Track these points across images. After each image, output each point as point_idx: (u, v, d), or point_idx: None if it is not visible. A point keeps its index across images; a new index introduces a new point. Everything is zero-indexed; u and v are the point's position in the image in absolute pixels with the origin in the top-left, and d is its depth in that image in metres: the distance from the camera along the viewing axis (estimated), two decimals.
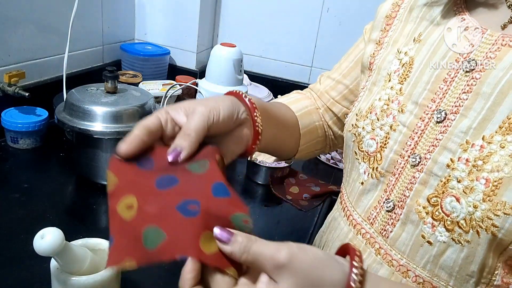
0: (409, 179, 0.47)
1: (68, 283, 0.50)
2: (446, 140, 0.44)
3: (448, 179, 0.43)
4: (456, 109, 0.44)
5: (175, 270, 0.74)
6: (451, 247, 0.43)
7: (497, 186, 0.39)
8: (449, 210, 0.42)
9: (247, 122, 0.49)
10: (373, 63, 0.57)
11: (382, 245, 0.49)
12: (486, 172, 0.40)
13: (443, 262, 0.44)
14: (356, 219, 0.53)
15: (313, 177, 1.04)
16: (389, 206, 0.49)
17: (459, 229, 0.41)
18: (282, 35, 1.41)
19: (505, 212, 0.38)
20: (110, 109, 0.79)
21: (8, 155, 0.92)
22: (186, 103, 0.46)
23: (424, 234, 0.45)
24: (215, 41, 1.51)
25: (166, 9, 1.39)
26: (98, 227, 0.77)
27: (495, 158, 0.40)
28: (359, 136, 0.53)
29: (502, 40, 0.43)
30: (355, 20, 1.30)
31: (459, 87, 0.44)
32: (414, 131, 0.47)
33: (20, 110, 0.96)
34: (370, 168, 0.51)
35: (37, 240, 0.46)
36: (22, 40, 1.00)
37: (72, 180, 0.88)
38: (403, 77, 0.50)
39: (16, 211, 0.74)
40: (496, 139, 0.40)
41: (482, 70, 0.43)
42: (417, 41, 0.51)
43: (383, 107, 0.50)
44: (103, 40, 1.29)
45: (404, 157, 0.47)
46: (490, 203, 0.39)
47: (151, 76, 1.33)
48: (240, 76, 1.16)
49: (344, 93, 0.66)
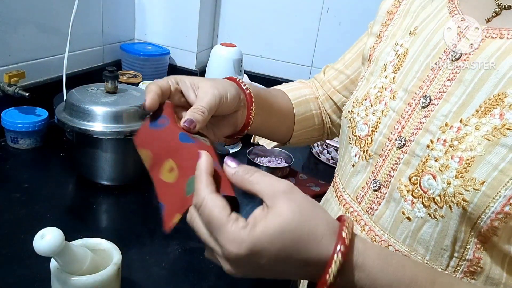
0: (394, 160, 0.49)
1: (68, 283, 0.50)
2: (428, 123, 0.47)
3: (427, 159, 0.45)
4: (440, 94, 0.47)
5: (175, 270, 0.74)
6: (428, 222, 0.45)
7: (469, 164, 0.41)
8: (426, 187, 0.45)
9: (242, 109, 0.55)
10: (372, 54, 0.60)
11: (367, 222, 0.52)
12: (460, 151, 0.42)
13: (420, 236, 0.46)
14: (346, 199, 0.56)
15: (313, 177, 1.04)
16: (375, 186, 0.51)
17: (435, 204, 0.44)
18: (282, 35, 1.41)
19: (475, 188, 0.40)
20: (110, 109, 0.79)
21: (8, 155, 0.92)
22: (194, 80, 0.51)
23: (404, 210, 0.47)
24: (215, 41, 1.51)
25: (166, 9, 1.39)
26: (98, 227, 0.77)
27: (469, 138, 0.42)
28: (354, 122, 0.56)
29: (486, 32, 0.46)
30: (355, 20, 1.30)
31: (444, 75, 0.47)
32: (402, 116, 0.50)
33: (20, 110, 0.96)
34: (361, 151, 0.54)
35: (37, 240, 0.46)
36: (22, 40, 1.00)
37: (72, 180, 0.88)
38: (397, 67, 0.53)
39: (16, 211, 0.74)
40: (472, 122, 0.43)
41: (466, 60, 0.46)
42: (412, 33, 0.54)
43: (377, 94, 0.54)
44: (103, 40, 1.29)
45: (391, 140, 0.50)
46: (461, 179, 0.41)
47: (151, 76, 1.33)
48: (240, 76, 1.16)
49: (345, 83, 0.70)
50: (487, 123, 0.42)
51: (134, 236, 0.74)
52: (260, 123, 0.60)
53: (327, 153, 1.13)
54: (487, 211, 0.40)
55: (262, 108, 0.59)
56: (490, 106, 0.42)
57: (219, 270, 0.68)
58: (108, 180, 0.85)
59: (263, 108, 0.59)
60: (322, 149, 1.14)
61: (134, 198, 0.84)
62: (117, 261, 0.54)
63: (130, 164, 0.85)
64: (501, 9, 0.46)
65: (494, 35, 0.45)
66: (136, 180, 0.87)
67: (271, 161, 1.03)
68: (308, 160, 1.17)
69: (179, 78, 0.51)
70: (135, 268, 0.66)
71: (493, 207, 0.40)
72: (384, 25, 0.60)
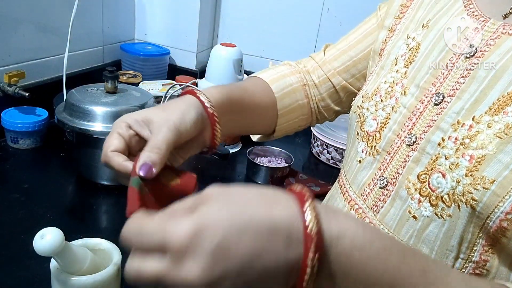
0: (403, 158, 0.48)
1: (68, 283, 0.50)
2: (440, 121, 0.46)
3: (438, 157, 0.44)
4: (453, 92, 0.46)
5: None
6: (434, 221, 0.44)
7: (479, 162, 0.40)
8: (435, 186, 0.44)
9: (208, 127, 0.49)
10: (383, 49, 0.58)
11: (372, 219, 0.51)
12: (471, 150, 0.41)
13: (425, 236, 0.45)
14: (351, 195, 0.55)
15: (313, 177, 1.04)
16: (382, 183, 0.50)
17: (443, 203, 0.43)
18: (282, 35, 1.41)
19: (484, 187, 0.40)
20: (110, 109, 0.79)
21: (8, 155, 0.92)
22: (146, 114, 0.45)
23: (411, 209, 0.46)
24: (215, 41, 1.51)
25: (166, 9, 1.38)
26: (98, 227, 0.77)
27: (481, 136, 0.41)
28: (363, 117, 0.54)
29: (502, 28, 0.44)
30: (355, 20, 1.29)
31: (458, 72, 0.46)
32: (413, 113, 0.49)
33: (20, 110, 0.96)
34: (368, 146, 0.53)
35: (37, 240, 0.46)
36: (22, 40, 1.00)
37: (72, 180, 0.88)
38: (409, 61, 0.52)
39: (16, 211, 0.74)
40: (484, 119, 0.42)
41: (481, 56, 0.44)
42: (425, 27, 0.52)
43: (388, 89, 0.52)
44: (103, 40, 1.29)
45: (401, 137, 0.49)
46: (471, 177, 0.41)
47: (151, 76, 1.33)
48: (240, 76, 1.16)
49: (348, 64, 0.66)
50: (499, 121, 0.41)
51: None
52: (235, 127, 0.58)
53: (327, 153, 1.13)
54: (496, 211, 0.39)
55: (236, 112, 0.56)
56: (504, 104, 0.41)
57: None
58: (108, 180, 0.85)
59: (236, 112, 0.56)
60: (322, 149, 1.14)
61: None
62: (117, 261, 0.54)
63: None
64: None
65: (511, 31, 0.43)
66: None
67: (271, 161, 1.03)
68: (308, 160, 1.17)
69: (129, 120, 0.45)
70: None
71: (502, 206, 0.39)
72: (397, 18, 0.58)
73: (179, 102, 0.48)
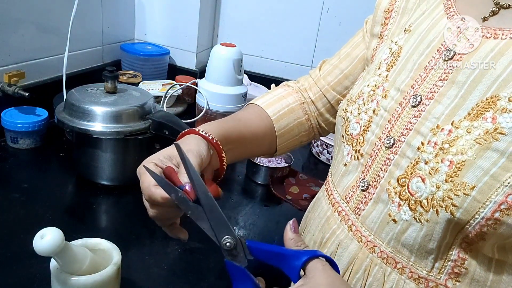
0: (383, 160, 0.49)
1: (68, 283, 0.50)
2: (419, 125, 0.46)
3: (417, 161, 0.45)
4: (431, 94, 0.46)
5: (175, 270, 0.74)
6: (412, 225, 0.45)
7: (459, 168, 0.41)
8: (414, 190, 0.44)
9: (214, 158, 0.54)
10: (374, 56, 0.59)
11: (354, 222, 0.52)
12: (451, 155, 0.42)
13: (404, 239, 0.46)
14: (336, 198, 0.56)
15: (313, 177, 1.04)
16: (363, 185, 0.51)
17: (421, 208, 0.44)
18: (282, 35, 1.41)
19: (465, 193, 0.40)
20: (110, 109, 0.79)
21: (8, 155, 0.92)
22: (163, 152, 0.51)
23: (391, 212, 0.47)
24: (215, 41, 1.51)
25: (166, 9, 1.39)
26: (98, 227, 0.77)
27: (460, 142, 0.41)
28: (347, 120, 0.55)
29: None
30: (355, 21, 1.29)
31: (436, 74, 0.47)
32: (393, 115, 0.49)
33: (20, 110, 0.96)
34: (353, 150, 0.53)
35: (37, 240, 0.46)
36: (22, 40, 1.00)
37: (72, 180, 0.88)
38: (391, 65, 0.52)
39: (16, 211, 0.74)
40: (463, 125, 0.42)
41: (459, 60, 0.45)
42: (407, 31, 0.53)
43: (370, 93, 0.53)
44: (103, 40, 1.29)
45: (381, 140, 0.50)
46: (451, 183, 0.41)
47: (151, 76, 1.33)
48: (240, 76, 1.16)
49: (339, 78, 0.68)
50: (479, 127, 0.41)
51: (134, 236, 0.74)
52: (236, 156, 0.61)
53: (327, 153, 1.13)
54: (476, 217, 0.40)
55: (235, 143, 0.59)
56: (483, 109, 0.41)
57: (219, 270, 0.69)
58: (108, 180, 0.85)
59: (233, 143, 0.59)
60: (322, 149, 1.14)
61: (134, 198, 0.84)
62: (117, 261, 0.54)
63: (130, 164, 0.84)
64: (499, 8, 0.45)
65: (489, 34, 0.44)
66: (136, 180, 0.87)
67: (271, 161, 1.03)
68: (308, 160, 1.17)
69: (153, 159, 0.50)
70: (135, 268, 0.66)
71: (482, 212, 0.39)
72: (384, 24, 0.59)
73: (187, 140, 0.52)
